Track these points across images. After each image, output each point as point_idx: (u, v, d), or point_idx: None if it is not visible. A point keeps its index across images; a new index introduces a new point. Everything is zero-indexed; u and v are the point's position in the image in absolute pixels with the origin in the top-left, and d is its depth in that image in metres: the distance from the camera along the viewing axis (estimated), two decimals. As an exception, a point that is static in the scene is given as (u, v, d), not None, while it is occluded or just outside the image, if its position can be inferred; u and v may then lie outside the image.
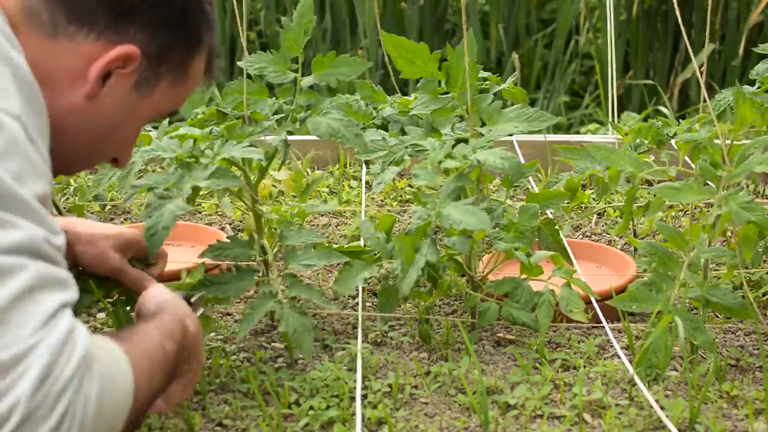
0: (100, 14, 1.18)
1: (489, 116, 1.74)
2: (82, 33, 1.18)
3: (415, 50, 1.69)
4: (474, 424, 1.46)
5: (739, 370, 1.66)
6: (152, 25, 1.23)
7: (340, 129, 1.66)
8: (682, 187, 1.60)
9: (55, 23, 1.16)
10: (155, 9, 1.23)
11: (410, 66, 1.71)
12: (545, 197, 1.83)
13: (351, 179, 2.86)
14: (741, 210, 1.54)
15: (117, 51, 1.19)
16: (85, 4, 1.18)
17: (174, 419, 1.48)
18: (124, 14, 1.20)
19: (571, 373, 1.62)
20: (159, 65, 1.26)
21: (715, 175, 1.62)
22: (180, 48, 1.28)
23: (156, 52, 1.24)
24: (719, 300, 1.61)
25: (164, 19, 1.24)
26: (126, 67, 1.21)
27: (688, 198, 1.60)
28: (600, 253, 2.15)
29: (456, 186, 1.63)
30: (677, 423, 1.43)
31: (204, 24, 1.31)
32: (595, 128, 3.75)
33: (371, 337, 1.78)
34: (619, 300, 1.62)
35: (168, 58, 1.27)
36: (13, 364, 0.93)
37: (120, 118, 1.27)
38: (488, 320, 1.69)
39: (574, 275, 1.71)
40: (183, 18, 1.27)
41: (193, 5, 1.28)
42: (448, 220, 1.55)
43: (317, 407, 1.48)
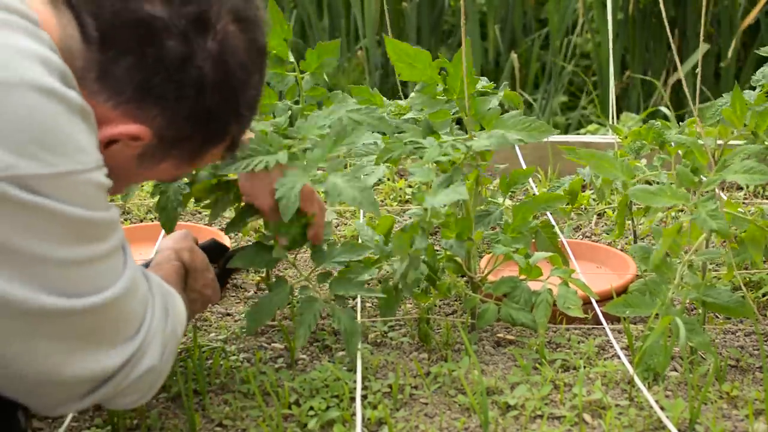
0: (128, 89, 1.15)
1: (488, 121, 1.74)
2: (104, 95, 1.15)
3: (416, 55, 1.70)
4: (474, 425, 1.46)
5: (739, 370, 1.66)
6: (176, 114, 1.18)
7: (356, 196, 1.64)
8: (657, 190, 1.61)
9: (85, 74, 1.14)
10: (183, 101, 1.18)
11: (410, 70, 1.71)
12: (542, 200, 1.83)
13: (350, 179, 2.86)
14: (707, 218, 1.54)
15: (127, 129, 1.17)
16: (119, 70, 1.14)
17: (174, 419, 1.48)
18: (151, 95, 1.16)
19: (571, 374, 1.62)
20: (170, 148, 1.23)
21: (693, 180, 1.63)
22: (197, 140, 1.25)
23: (171, 138, 1.21)
24: (715, 300, 1.61)
25: (190, 112, 1.20)
26: (134, 141, 1.19)
27: (661, 202, 1.60)
28: (600, 253, 2.16)
29: (445, 177, 1.65)
30: (677, 423, 1.44)
31: (234, 123, 1.27)
32: (595, 128, 3.76)
33: (371, 338, 1.78)
34: (612, 305, 1.62)
35: (182, 145, 1.24)
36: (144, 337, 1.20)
37: (113, 176, 1.22)
38: (488, 321, 1.69)
39: (572, 275, 1.71)
40: (211, 116, 1.22)
41: (226, 107, 1.23)
42: (431, 204, 1.58)
43: (317, 407, 1.48)
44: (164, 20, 1.13)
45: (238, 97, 1.23)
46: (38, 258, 1.04)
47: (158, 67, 1.14)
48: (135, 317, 1.18)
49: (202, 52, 1.16)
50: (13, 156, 1.01)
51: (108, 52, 1.13)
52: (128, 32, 1.13)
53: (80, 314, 1.09)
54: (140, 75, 1.14)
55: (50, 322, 1.07)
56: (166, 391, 1.57)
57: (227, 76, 1.20)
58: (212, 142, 1.27)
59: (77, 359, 1.12)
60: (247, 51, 1.22)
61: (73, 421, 1.48)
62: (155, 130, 1.18)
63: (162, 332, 1.22)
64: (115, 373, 1.17)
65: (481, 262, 1.87)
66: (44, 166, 1.03)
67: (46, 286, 1.05)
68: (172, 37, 1.14)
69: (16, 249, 1.03)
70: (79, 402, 1.16)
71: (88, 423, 1.48)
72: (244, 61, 1.22)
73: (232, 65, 1.20)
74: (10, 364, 1.08)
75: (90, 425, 1.47)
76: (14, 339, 1.07)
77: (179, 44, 1.14)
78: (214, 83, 1.19)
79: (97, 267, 1.11)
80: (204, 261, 1.53)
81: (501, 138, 1.67)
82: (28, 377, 1.10)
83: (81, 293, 1.09)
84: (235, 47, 1.20)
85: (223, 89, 1.20)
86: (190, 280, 1.50)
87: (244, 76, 1.23)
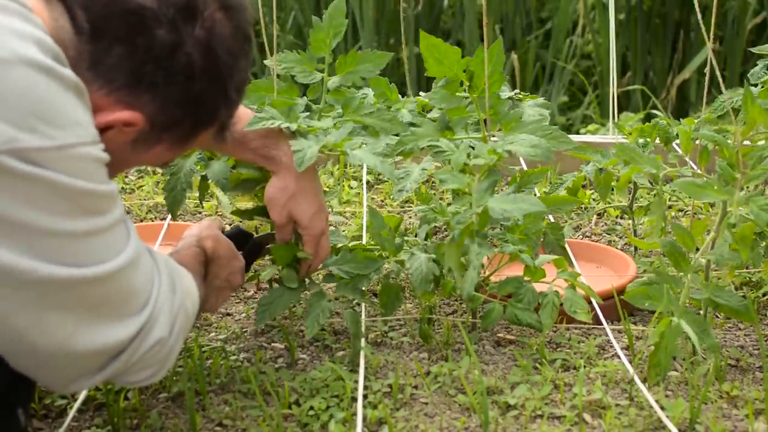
0: (120, 77, 1.18)
1: (507, 123, 1.74)
2: (97, 84, 1.18)
3: (446, 51, 1.69)
4: (474, 424, 1.46)
5: (739, 370, 1.66)
6: (167, 99, 1.22)
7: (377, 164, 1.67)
8: (705, 185, 1.59)
9: (77, 63, 1.16)
10: (174, 86, 1.21)
11: (438, 65, 1.71)
12: (553, 201, 1.83)
13: (351, 179, 2.86)
14: (761, 211, 1.54)
15: (120, 115, 1.20)
16: (111, 59, 1.17)
17: (174, 419, 1.48)
18: (142, 82, 1.19)
19: (571, 373, 1.62)
20: (162, 133, 1.26)
21: (734, 176, 1.62)
22: (188, 124, 1.28)
23: (162, 122, 1.24)
24: (726, 302, 1.60)
25: (180, 97, 1.23)
26: (127, 127, 1.22)
27: (709, 196, 1.58)
28: (600, 253, 2.15)
29: (489, 181, 1.64)
30: (677, 423, 1.43)
31: (224, 107, 1.31)
32: (595, 128, 3.76)
33: (371, 338, 1.78)
34: (632, 295, 1.60)
35: (173, 130, 1.27)
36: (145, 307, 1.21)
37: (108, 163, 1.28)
38: (492, 321, 1.69)
39: (578, 278, 1.71)
40: (200, 101, 1.26)
41: (215, 91, 1.27)
42: (496, 212, 1.57)
43: (317, 407, 1.48)
44: (153, 10, 1.17)
45: (226, 81, 1.27)
46: (41, 230, 1.06)
47: (149, 56, 1.18)
48: (141, 290, 1.20)
49: (190, 39, 1.20)
50: (13, 129, 1.03)
51: (99, 42, 1.17)
52: (119, 23, 1.17)
53: (86, 284, 1.11)
54: (131, 63, 1.18)
55: (57, 292, 1.10)
56: (167, 391, 1.57)
57: (215, 61, 1.24)
58: (202, 126, 1.31)
59: (87, 331, 1.14)
60: (233, 37, 1.26)
61: (73, 421, 1.48)
62: (147, 116, 1.21)
63: (170, 308, 1.25)
64: (126, 347, 1.19)
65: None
66: (44, 139, 1.05)
67: (50, 256, 1.08)
68: (162, 26, 1.18)
69: (19, 221, 1.05)
70: (92, 377, 1.19)
71: (88, 423, 1.48)
72: (231, 47, 1.25)
73: (220, 51, 1.24)
74: (23, 337, 1.11)
75: (90, 425, 1.47)
76: (23, 310, 1.09)
77: (168, 33, 1.18)
78: (203, 69, 1.22)
79: (100, 239, 1.13)
80: (231, 249, 1.56)
81: (540, 147, 1.66)
82: (40, 350, 1.12)
83: (85, 263, 1.11)
84: (222, 34, 1.24)
85: (211, 75, 1.24)
86: (214, 267, 1.53)
87: (231, 61, 1.26)
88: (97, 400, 1.54)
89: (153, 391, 1.58)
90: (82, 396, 1.51)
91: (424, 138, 1.74)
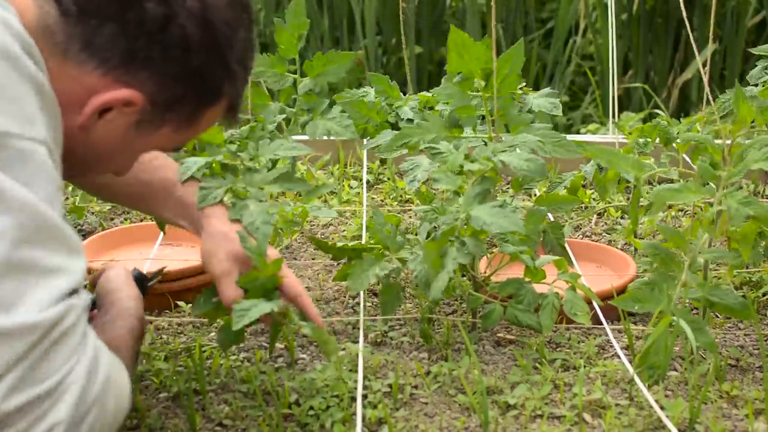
0: (115, 52, 1.15)
1: (516, 126, 1.74)
2: (92, 64, 1.15)
3: (470, 47, 1.69)
4: (474, 424, 1.46)
5: (739, 370, 1.66)
6: (165, 75, 1.19)
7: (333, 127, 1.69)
8: (682, 187, 1.61)
9: (68, 47, 1.14)
10: (171, 61, 1.18)
11: (459, 60, 1.70)
12: (554, 201, 1.83)
13: (351, 179, 2.86)
14: (740, 206, 1.54)
15: (117, 94, 1.17)
16: (102, 38, 1.15)
17: (174, 419, 1.48)
18: (137, 59, 1.16)
19: (571, 373, 1.62)
20: (165, 112, 1.23)
21: (714, 174, 1.63)
22: (192, 100, 1.25)
23: (164, 100, 1.21)
24: (721, 300, 1.61)
25: (179, 72, 1.20)
26: (127, 107, 1.19)
27: (687, 198, 1.60)
28: (600, 253, 2.15)
29: (481, 189, 1.64)
30: (677, 423, 1.43)
31: (227, 81, 1.27)
32: (595, 128, 3.76)
33: (371, 337, 1.78)
34: (621, 300, 1.62)
35: (176, 108, 1.24)
36: (56, 386, 1.04)
37: (113, 149, 1.25)
38: (493, 322, 1.69)
39: (578, 280, 1.71)
40: (200, 74, 1.22)
41: (215, 64, 1.23)
42: (478, 222, 1.56)
43: (317, 407, 1.48)
44: None
45: (226, 53, 1.23)
46: None
47: (141, 31, 1.15)
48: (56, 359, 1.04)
49: (182, 10, 1.17)
50: None
51: (88, 22, 1.14)
52: (106, 0, 1.14)
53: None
54: (124, 40, 1.15)
55: None
56: (167, 391, 1.57)
57: (212, 33, 1.20)
58: (207, 102, 1.27)
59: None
60: (229, 6, 1.22)
61: (73, 421, 1.48)
62: (147, 94, 1.19)
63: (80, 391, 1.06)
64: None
65: (480, 264, 1.87)
66: None
67: None
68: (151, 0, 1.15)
69: None
70: None
71: (88, 423, 1.48)
72: (227, 17, 1.22)
73: (216, 22, 1.20)
74: None
75: (90, 425, 1.47)
76: None
77: (158, 5, 1.15)
78: (200, 41, 1.19)
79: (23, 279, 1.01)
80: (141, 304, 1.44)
81: (533, 162, 1.65)
82: None
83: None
84: (217, 4, 1.20)
85: (209, 46, 1.20)
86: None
87: (229, 31, 1.22)
88: (97, 400, 1.54)
89: (153, 391, 1.58)
90: (82, 396, 1.50)
91: (430, 133, 1.74)
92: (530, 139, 1.70)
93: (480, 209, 1.58)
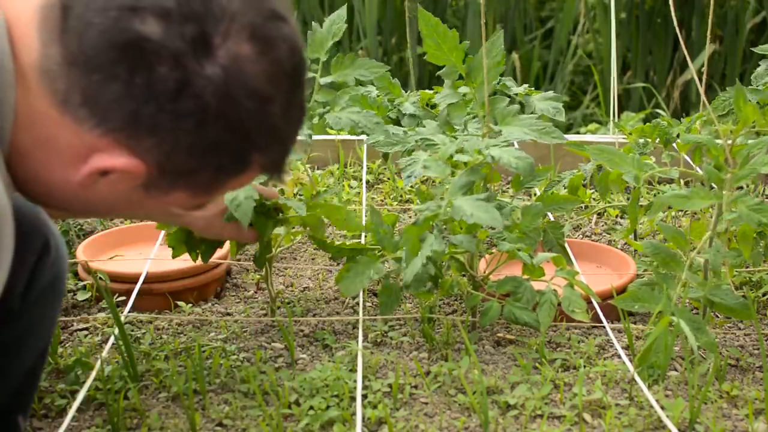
0: (117, 117, 1.01)
1: (503, 118, 1.74)
2: (92, 123, 1.02)
3: (445, 35, 1.69)
4: (474, 424, 1.46)
5: (739, 370, 1.66)
6: (174, 147, 1.04)
7: (361, 120, 1.71)
8: (690, 194, 1.60)
9: (68, 98, 1.02)
10: (182, 133, 1.03)
11: (437, 49, 1.72)
12: (554, 200, 1.83)
13: (351, 179, 2.86)
14: (751, 212, 1.54)
15: (115, 162, 1.04)
16: (104, 100, 1.01)
17: (174, 419, 1.48)
18: (143, 125, 1.02)
19: (571, 373, 1.62)
20: (176, 180, 1.09)
21: (720, 178, 1.62)
22: (208, 173, 1.09)
23: (174, 170, 1.07)
24: (722, 300, 1.61)
25: (191, 145, 1.04)
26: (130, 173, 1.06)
27: (697, 205, 1.59)
28: (600, 253, 2.15)
29: (467, 179, 1.63)
30: (677, 423, 1.43)
31: (255, 152, 1.09)
32: (595, 128, 3.75)
33: (371, 337, 1.77)
34: (621, 299, 1.62)
35: (190, 178, 1.09)
36: None
37: (120, 206, 1.14)
38: (490, 319, 1.69)
39: (576, 277, 1.71)
40: (217, 149, 1.06)
41: (235, 140, 1.06)
42: (459, 212, 1.55)
43: (317, 407, 1.48)
44: (157, 42, 0.99)
45: (250, 127, 1.06)
46: None
47: (149, 96, 1.00)
48: None
49: (199, 79, 1.01)
50: None
51: (92, 76, 1.00)
52: (115, 55, 0.99)
53: None
54: (129, 104, 1.01)
55: None
56: (167, 391, 1.57)
57: (234, 105, 1.03)
58: (229, 173, 1.12)
59: None
60: (264, 75, 1.04)
61: (73, 421, 1.48)
62: (152, 163, 1.05)
63: None
64: None
65: (480, 264, 1.87)
66: None
67: None
68: (164, 62, 0.99)
69: None
70: None
71: (88, 422, 1.48)
72: (257, 88, 1.04)
73: (240, 93, 1.03)
74: None
75: (90, 425, 1.47)
76: None
77: (172, 70, 1.00)
78: (218, 114, 1.03)
79: None
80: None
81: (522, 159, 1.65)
82: None
83: None
84: (245, 72, 1.03)
85: (229, 120, 1.04)
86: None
87: (255, 104, 1.05)
88: (97, 399, 1.54)
89: (153, 390, 1.58)
90: (82, 395, 1.51)
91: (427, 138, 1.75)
92: (518, 132, 1.72)
93: (463, 200, 1.57)
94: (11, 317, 1.31)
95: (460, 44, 1.72)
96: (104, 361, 1.60)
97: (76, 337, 1.78)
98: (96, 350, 1.72)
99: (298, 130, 1.14)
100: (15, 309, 1.31)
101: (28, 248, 1.30)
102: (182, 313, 1.90)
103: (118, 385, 1.55)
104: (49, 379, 1.61)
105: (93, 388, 1.54)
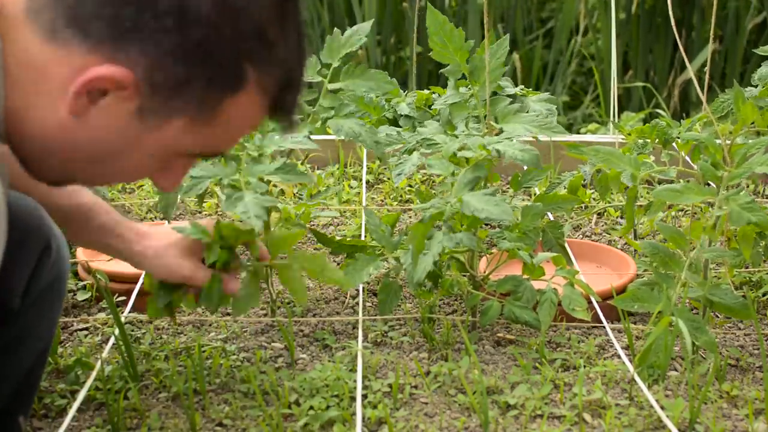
0: (99, 25, 0.99)
1: (504, 116, 1.75)
2: (77, 40, 1.00)
3: (451, 34, 1.70)
4: (474, 424, 1.46)
5: (739, 370, 1.66)
6: (159, 50, 1.00)
7: (362, 133, 1.71)
8: (683, 189, 1.60)
9: (55, 25, 1.00)
10: (165, 34, 0.99)
11: (442, 48, 1.73)
12: (553, 200, 1.83)
13: (351, 179, 2.86)
14: (742, 210, 1.54)
15: (100, 70, 1.00)
16: (85, 13, 0.99)
17: (174, 419, 1.48)
18: (124, 32, 0.99)
19: (571, 373, 1.62)
20: (170, 98, 1.04)
21: (716, 175, 1.62)
22: (199, 84, 1.04)
23: (164, 83, 1.02)
24: (721, 300, 1.61)
25: (175, 47, 1.00)
26: (121, 91, 1.02)
27: (689, 199, 1.60)
28: (600, 253, 2.15)
29: (473, 176, 1.63)
30: (677, 423, 1.43)
31: (247, 62, 1.04)
32: (595, 128, 3.75)
33: (371, 337, 1.78)
34: (621, 300, 1.62)
35: (182, 93, 1.04)
36: None
37: (118, 144, 1.08)
38: (490, 318, 1.69)
39: (576, 276, 1.71)
40: (203, 52, 1.01)
41: (222, 41, 1.02)
42: (468, 208, 1.54)
43: (317, 407, 1.48)
44: None
45: (237, 26, 1.01)
46: None
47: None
48: None
49: None
50: None
51: None
52: None
53: None
54: (109, 9, 0.99)
55: None
56: (167, 391, 1.57)
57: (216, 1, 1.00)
58: (222, 88, 1.05)
59: None
60: None
61: (73, 421, 1.48)
62: (141, 75, 1.01)
63: None
64: None
65: (480, 263, 1.87)
66: None
67: None
68: None
69: None
70: None
71: (87, 422, 1.48)
72: None
73: None
74: None
75: (90, 425, 1.47)
76: None
77: None
78: (198, 9, 0.99)
79: None
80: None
81: (528, 152, 1.66)
82: None
83: None
84: None
85: (211, 17, 1.00)
86: None
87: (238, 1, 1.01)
88: (97, 399, 1.54)
89: (153, 390, 1.58)
90: (82, 395, 1.51)
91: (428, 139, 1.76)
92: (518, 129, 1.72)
93: (472, 195, 1.57)
94: (11, 318, 1.31)
95: (465, 43, 1.72)
96: (104, 361, 1.60)
97: (76, 337, 1.78)
98: (96, 350, 1.72)
99: (300, 58, 1.09)
100: (15, 309, 1.31)
101: (29, 248, 1.30)
102: (182, 313, 1.90)
103: (118, 385, 1.56)
104: (49, 379, 1.61)
105: (93, 388, 1.54)
